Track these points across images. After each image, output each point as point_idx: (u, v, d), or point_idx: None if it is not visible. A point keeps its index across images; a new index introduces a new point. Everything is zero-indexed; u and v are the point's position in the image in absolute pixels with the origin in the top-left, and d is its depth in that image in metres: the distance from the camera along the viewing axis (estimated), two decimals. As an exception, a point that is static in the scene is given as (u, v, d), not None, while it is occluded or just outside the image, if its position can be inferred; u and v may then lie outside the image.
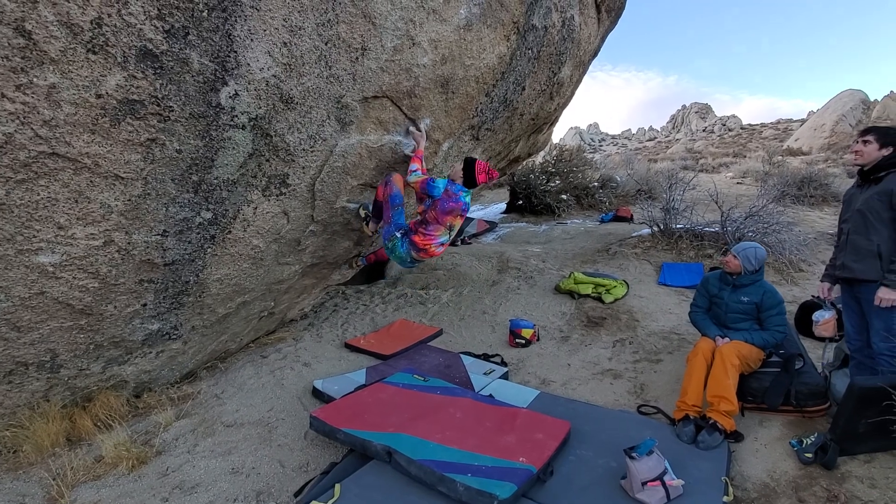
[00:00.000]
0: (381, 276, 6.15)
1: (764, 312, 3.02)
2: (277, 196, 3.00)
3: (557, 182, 10.12)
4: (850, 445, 2.43)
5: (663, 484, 2.18)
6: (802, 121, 41.44)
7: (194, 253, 2.85)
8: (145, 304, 2.88)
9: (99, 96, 2.04)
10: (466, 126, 3.89)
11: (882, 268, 2.51)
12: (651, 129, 72.79)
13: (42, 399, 2.88)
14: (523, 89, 4.11)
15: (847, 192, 2.84)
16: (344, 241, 3.95)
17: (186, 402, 3.29)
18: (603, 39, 5.71)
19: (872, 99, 29.57)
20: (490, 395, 3.10)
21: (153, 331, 3.05)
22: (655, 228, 6.57)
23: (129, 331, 2.94)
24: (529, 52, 3.80)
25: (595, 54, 5.70)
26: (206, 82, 2.27)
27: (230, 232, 2.93)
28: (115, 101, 2.08)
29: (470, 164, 3.33)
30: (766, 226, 5.89)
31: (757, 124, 53.79)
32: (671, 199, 6.69)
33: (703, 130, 58.24)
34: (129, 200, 2.39)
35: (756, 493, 2.37)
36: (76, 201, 2.25)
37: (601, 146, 62.03)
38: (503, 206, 11.15)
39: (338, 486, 2.23)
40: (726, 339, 2.96)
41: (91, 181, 2.23)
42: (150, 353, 3.17)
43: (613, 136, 73.13)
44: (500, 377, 3.53)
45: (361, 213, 3.66)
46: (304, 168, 2.99)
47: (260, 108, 2.51)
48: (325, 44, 2.57)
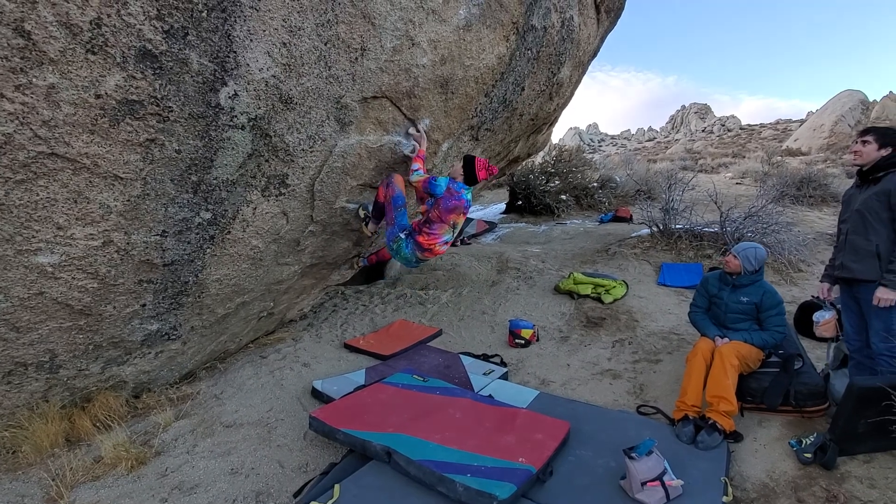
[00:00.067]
0: (380, 276, 6.15)
1: (763, 313, 3.02)
2: (277, 196, 3.00)
3: (557, 182, 10.12)
4: (849, 445, 2.43)
5: (663, 484, 2.18)
6: (801, 121, 41.51)
7: (193, 253, 2.85)
8: (144, 305, 2.88)
9: (98, 97, 2.04)
10: (466, 126, 3.89)
11: (881, 268, 2.52)
12: (650, 129, 72.85)
13: (41, 399, 2.88)
14: (522, 90, 4.11)
15: (846, 193, 2.85)
16: (343, 241, 3.95)
17: (186, 402, 3.29)
18: (602, 40, 5.72)
19: (871, 99, 29.63)
20: (489, 396, 3.10)
21: (152, 331, 3.05)
22: (655, 229, 6.57)
23: (129, 331, 2.93)
24: (529, 52, 3.80)
25: (594, 55, 5.70)
26: (206, 83, 2.27)
27: (229, 232, 2.93)
28: (114, 102, 2.08)
29: (470, 161, 3.35)
30: (765, 226, 5.89)
31: (756, 125, 53.88)
32: (670, 199, 6.70)
33: (703, 131, 58.32)
34: (129, 201, 2.39)
35: (755, 493, 2.37)
36: (75, 201, 2.25)
37: (600, 146, 62.03)
38: (502, 206, 11.15)
39: (337, 487, 2.23)
40: (725, 340, 2.97)
41: (90, 181, 2.23)
42: (150, 353, 3.17)
43: (613, 137, 73.15)
44: (499, 377, 3.53)
45: (361, 213, 3.66)
46: (303, 168, 2.99)
47: (259, 108, 2.51)
48: (325, 44, 2.57)
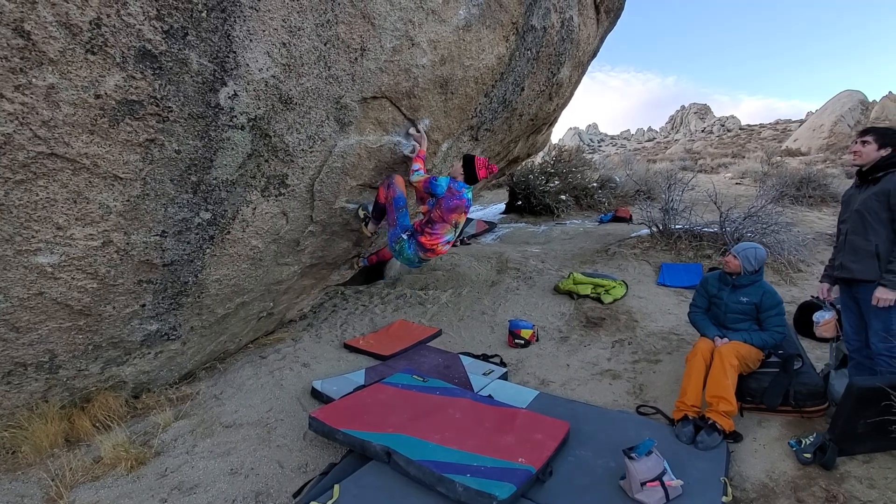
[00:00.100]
0: (380, 276, 6.15)
1: (763, 313, 3.03)
2: (276, 196, 3.00)
3: (556, 182, 10.12)
4: (848, 446, 2.43)
5: (662, 484, 2.18)
6: (801, 121, 41.53)
7: (193, 253, 2.84)
8: (144, 305, 2.88)
9: (98, 97, 2.04)
10: (465, 127, 3.89)
11: (880, 268, 2.52)
12: (650, 129, 72.87)
13: (41, 400, 2.88)
14: (522, 90, 4.12)
15: (846, 193, 2.85)
16: (343, 241, 3.95)
17: (185, 402, 3.29)
18: (602, 40, 5.72)
19: (871, 100, 29.66)
20: (489, 396, 3.10)
21: (152, 331, 3.05)
22: (654, 229, 6.57)
23: (128, 331, 2.93)
24: (528, 52, 3.80)
25: (594, 55, 5.70)
26: (205, 83, 2.27)
27: (229, 232, 2.93)
28: (113, 102, 2.08)
29: (469, 160, 3.36)
30: (764, 226, 5.89)
31: (756, 125, 53.91)
32: (670, 199, 6.70)
33: (702, 131, 58.35)
34: (128, 201, 2.39)
35: (755, 493, 2.37)
36: (75, 202, 2.25)
37: (600, 147, 62.03)
38: (502, 206, 11.15)
39: (337, 487, 2.23)
40: (725, 340, 2.97)
41: (90, 181, 2.23)
42: (149, 353, 3.17)
43: (612, 137, 73.16)
44: (499, 378, 3.53)
45: (360, 213, 3.66)
46: (303, 168, 2.99)
47: (259, 108, 2.51)
48: (325, 44, 2.57)
